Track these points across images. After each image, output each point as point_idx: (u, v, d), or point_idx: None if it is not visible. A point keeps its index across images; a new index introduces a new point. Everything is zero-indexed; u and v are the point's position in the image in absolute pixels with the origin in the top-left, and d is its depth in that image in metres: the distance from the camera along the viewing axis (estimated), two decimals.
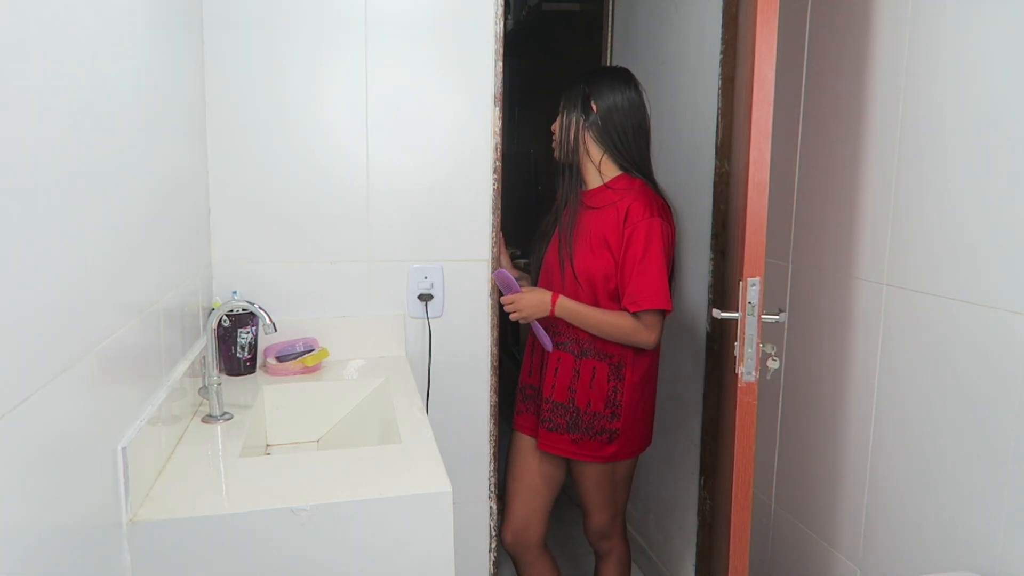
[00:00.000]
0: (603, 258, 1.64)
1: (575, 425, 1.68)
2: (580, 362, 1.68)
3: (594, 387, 1.67)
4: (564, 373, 1.70)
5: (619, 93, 1.67)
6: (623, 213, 1.61)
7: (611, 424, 1.68)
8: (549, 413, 1.71)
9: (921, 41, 1.34)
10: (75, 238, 0.77)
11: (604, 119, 1.66)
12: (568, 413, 1.69)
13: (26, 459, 0.64)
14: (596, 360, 1.67)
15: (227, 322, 1.52)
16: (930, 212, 1.32)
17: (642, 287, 1.59)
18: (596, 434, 1.68)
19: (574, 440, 1.69)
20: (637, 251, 1.59)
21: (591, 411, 1.67)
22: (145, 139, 1.07)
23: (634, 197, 1.62)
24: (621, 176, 1.69)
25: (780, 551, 1.83)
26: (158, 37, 1.16)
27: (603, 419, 1.67)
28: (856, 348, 1.52)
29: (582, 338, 1.68)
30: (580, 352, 1.69)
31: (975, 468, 1.23)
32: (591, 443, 1.68)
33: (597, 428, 1.68)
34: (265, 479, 1.06)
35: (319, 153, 1.65)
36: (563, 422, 1.69)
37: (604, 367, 1.67)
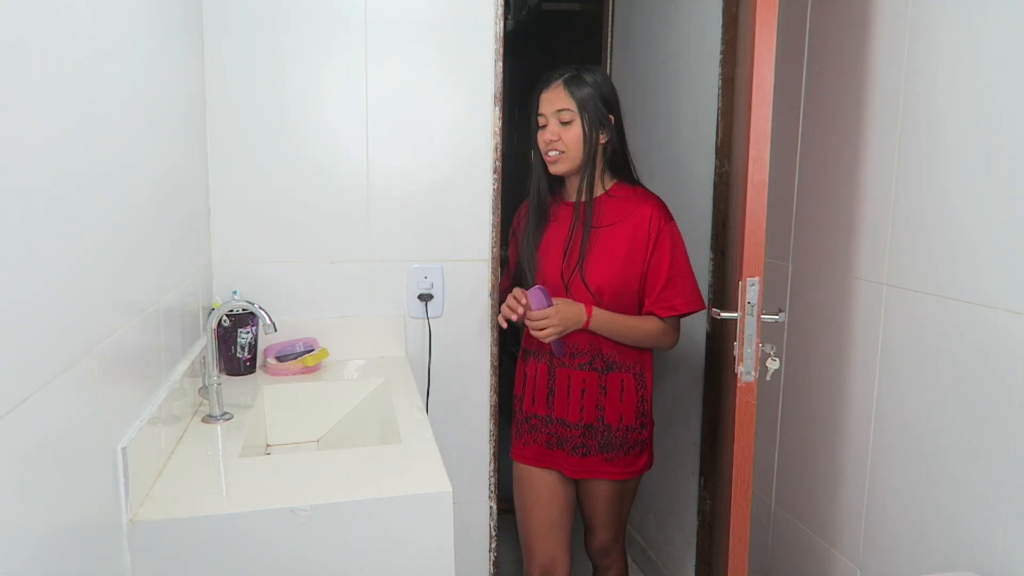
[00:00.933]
0: (631, 271, 1.59)
1: (608, 444, 1.65)
2: (606, 378, 1.64)
3: (624, 400, 1.64)
4: (591, 393, 1.64)
5: (617, 98, 1.62)
6: (645, 221, 1.58)
7: (641, 435, 1.66)
8: (580, 439, 1.66)
9: (921, 41, 1.34)
10: (75, 238, 0.77)
11: (618, 130, 1.62)
12: (599, 433, 1.65)
13: (26, 459, 0.64)
14: (623, 373, 1.64)
15: (227, 322, 1.52)
16: (930, 212, 1.32)
17: (677, 291, 1.58)
18: (630, 448, 1.65)
19: (608, 459, 1.65)
20: (665, 257, 1.57)
21: (623, 425, 1.64)
22: (145, 139, 1.07)
23: (649, 204, 1.60)
24: (618, 184, 1.65)
25: (780, 551, 1.83)
26: (158, 37, 1.16)
27: (635, 431, 1.65)
28: (856, 348, 1.52)
29: (605, 352, 1.63)
30: (605, 367, 1.64)
31: (975, 468, 1.23)
32: (626, 459, 1.66)
33: (631, 442, 1.65)
34: (265, 479, 1.06)
35: (319, 153, 1.65)
36: (595, 443, 1.65)
37: (630, 378, 1.64)
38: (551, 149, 1.59)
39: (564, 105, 1.56)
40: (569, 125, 1.57)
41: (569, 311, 1.57)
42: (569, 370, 1.65)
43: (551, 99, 1.58)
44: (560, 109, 1.57)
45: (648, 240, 1.58)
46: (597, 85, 1.58)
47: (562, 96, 1.57)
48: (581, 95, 1.56)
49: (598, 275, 1.59)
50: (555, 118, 1.58)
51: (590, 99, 1.56)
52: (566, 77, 1.57)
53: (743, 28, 1.58)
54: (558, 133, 1.58)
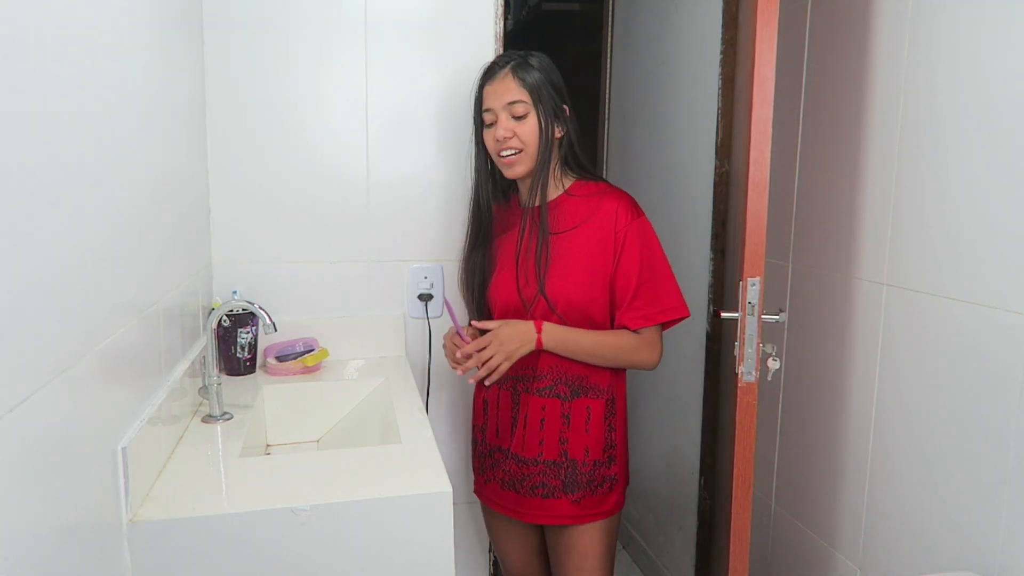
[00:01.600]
0: (597, 280, 1.37)
1: (573, 483, 1.40)
2: (570, 404, 1.40)
3: (590, 430, 1.41)
4: (552, 423, 1.40)
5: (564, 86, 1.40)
6: (611, 219, 1.36)
7: (610, 470, 1.43)
8: (540, 477, 1.42)
9: (921, 41, 1.34)
10: (75, 238, 0.77)
11: (571, 121, 1.41)
12: (562, 470, 1.41)
13: (26, 459, 0.64)
14: (589, 398, 1.40)
15: (227, 322, 1.52)
16: (930, 212, 1.32)
17: (649, 299, 1.36)
18: (596, 486, 1.42)
19: (575, 501, 1.41)
20: (633, 259, 1.35)
21: (590, 460, 1.41)
22: (145, 139, 1.07)
23: (612, 199, 1.38)
24: (578, 181, 1.43)
25: (780, 551, 1.83)
26: (158, 37, 1.16)
27: (603, 466, 1.42)
28: (856, 348, 1.52)
29: (570, 375, 1.39)
30: (570, 392, 1.40)
31: (975, 468, 1.23)
32: (593, 499, 1.42)
33: (598, 479, 1.42)
34: (265, 479, 1.06)
35: (319, 153, 1.65)
36: (558, 483, 1.41)
37: (599, 405, 1.41)
38: (505, 148, 1.37)
39: (516, 96, 1.35)
40: (524, 119, 1.36)
41: (511, 333, 1.35)
42: (530, 396, 1.42)
43: (499, 91, 1.36)
44: (512, 101, 1.35)
45: (615, 242, 1.36)
46: (546, 71, 1.37)
47: (512, 86, 1.35)
48: (533, 82, 1.35)
49: (560, 290, 1.37)
50: (506, 112, 1.36)
51: (543, 86, 1.36)
52: (513, 64, 1.36)
53: (743, 28, 1.57)
54: (512, 129, 1.36)
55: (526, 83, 1.35)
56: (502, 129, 1.36)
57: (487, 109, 1.39)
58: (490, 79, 1.38)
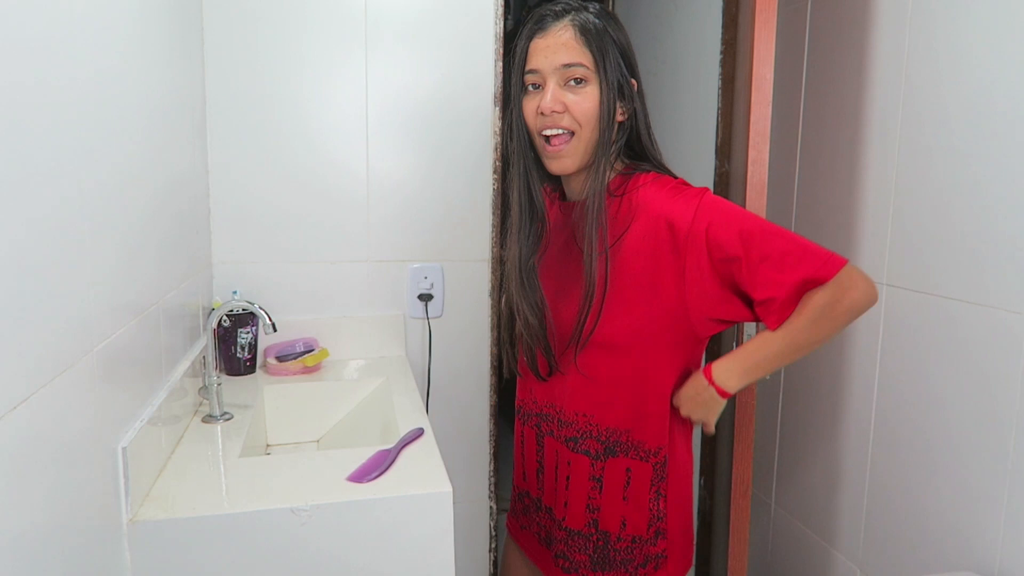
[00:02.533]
0: (654, 306, 1.04)
1: (604, 560, 1.10)
2: (603, 465, 1.08)
3: (629, 499, 1.08)
4: (579, 485, 1.10)
5: (633, 53, 1.06)
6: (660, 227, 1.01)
7: (656, 547, 1.10)
8: (563, 546, 1.13)
9: (921, 41, 1.34)
10: (75, 238, 0.77)
11: (640, 99, 1.07)
12: (591, 544, 1.10)
13: (26, 459, 0.64)
14: (630, 458, 1.07)
15: (227, 322, 1.52)
16: (930, 212, 1.32)
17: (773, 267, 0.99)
18: (638, 567, 1.10)
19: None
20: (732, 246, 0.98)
21: (627, 535, 1.09)
22: (145, 139, 1.07)
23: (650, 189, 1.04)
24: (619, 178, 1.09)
25: (780, 551, 1.83)
26: (158, 38, 1.16)
27: (647, 544, 1.09)
28: (856, 348, 1.52)
29: (603, 428, 1.07)
30: (603, 450, 1.08)
31: (975, 468, 1.23)
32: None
33: (639, 559, 1.09)
34: (265, 479, 1.06)
35: (319, 153, 1.65)
36: (584, 558, 1.11)
37: (645, 469, 1.07)
38: (551, 126, 1.02)
39: (575, 57, 0.99)
40: (582, 88, 1.00)
41: (691, 403, 1.07)
42: (556, 443, 1.14)
43: (553, 47, 1.00)
44: (569, 63, 0.99)
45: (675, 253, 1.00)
46: (615, 31, 1.02)
47: (571, 43, 0.99)
48: (601, 42, 0.99)
49: (612, 325, 1.05)
50: (558, 76, 1.01)
51: (611, 50, 1.00)
52: (574, 13, 1.01)
53: (743, 28, 1.58)
54: (563, 101, 1.00)
55: (591, 42, 0.99)
56: (550, 98, 1.00)
57: (532, 70, 1.03)
58: (541, 30, 1.02)
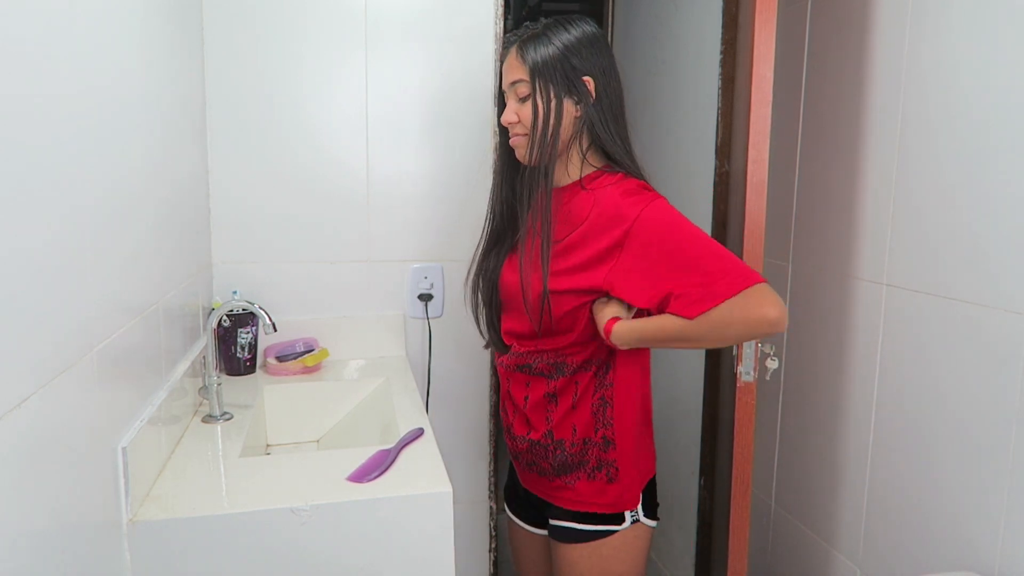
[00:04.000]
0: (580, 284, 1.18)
1: (564, 464, 1.25)
2: (555, 383, 1.24)
3: (576, 407, 1.23)
4: (535, 402, 1.27)
5: (604, 55, 1.21)
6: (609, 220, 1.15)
7: (606, 454, 1.23)
8: (530, 455, 1.29)
9: (921, 40, 1.34)
10: (75, 238, 0.77)
11: (600, 97, 1.20)
12: (550, 452, 1.26)
13: (26, 459, 0.64)
14: (577, 374, 1.23)
15: (227, 322, 1.52)
16: (930, 212, 1.32)
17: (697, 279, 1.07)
18: (593, 470, 1.23)
19: (567, 484, 1.25)
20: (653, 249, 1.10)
21: (579, 439, 1.24)
22: (145, 140, 1.07)
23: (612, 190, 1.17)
24: (596, 172, 1.22)
25: (780, 551, 1.83)
26: (158, 37, 1.17)
27: (597, 447, 1.23)
28: (856, 348, 1.52)
29: (546, 347, 1.24)
30: (554, 369, 1.24)
31: (975, 468, 1.23)
32: (591, 484, 1.23)
33: (593, 461, 1.23)
34: (265, 479, 1.06)
35: (319, 153, 1.65)
36: (547, 465, 1.27)
37: (587, 377, 1.23)
38: (513, 133, 1.24)
39: (517, 75, 1.19)
40: (526, 100, 1.20)
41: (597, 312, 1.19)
42: (512, 374, 1.30)
43: (507, 69, 1.22)
44: (515, 81, 1.20)
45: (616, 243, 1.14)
46: (568, 44, 1.18)
47: (515, 64, 1.20)
48: (536, 58, 1.17)
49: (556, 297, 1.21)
50: (512, 93, 1.22)
51: (551, 60, 1.17)
52: (524, 38, 1.20)
53: (743, 28, 1.58)
54: (516, 111, 1.21)
55: (527, 60, 1.18)
56: (507, 112, 1.23)
57: (503, 90, 1.26)
58: (505, 56, 1.24)
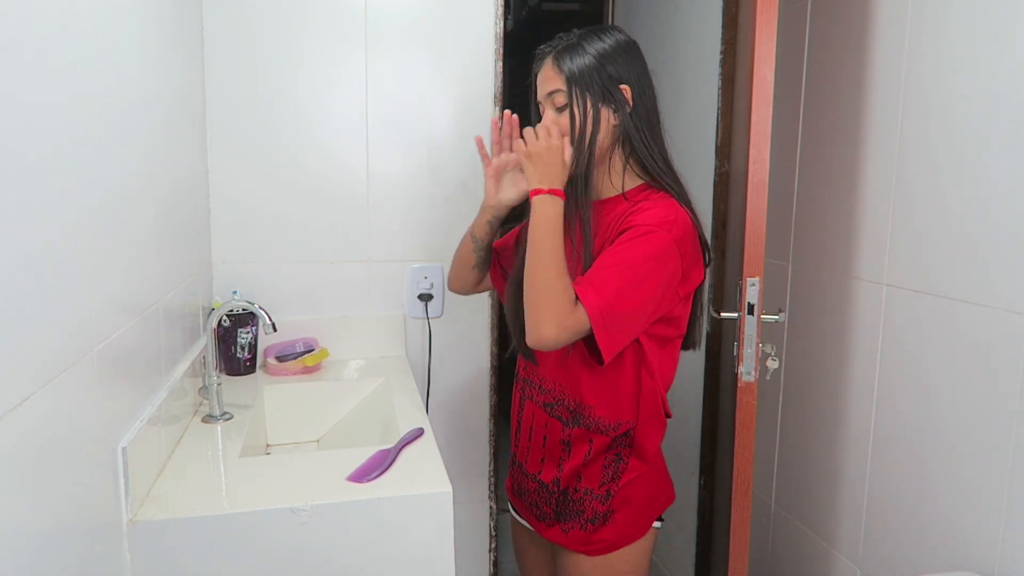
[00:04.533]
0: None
1: (564, 511, 1.24)
2: (570, 431, 1.22)
3: (589, 464, 1.22)
4: (553, 445, 1.25)
5: (638, 63, 1.21)
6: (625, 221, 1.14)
7: (603, 506, 1.22)
8: (536, 496, 1.29)
9: (921, 40, 1.34)
10: (75, 238, 0.77)
11: (636, 104, 1.19)
12: (554, 498, 1.25)
13: (26, 459, 0.64)
14: (592, 431, 1.20)
15: (227, 322, 1.52)
16: (930, 212, 1.32)
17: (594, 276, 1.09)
18: (587, 521, 1.22)
19: (564, 531, 1.25)
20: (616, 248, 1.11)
21: (582, 487, 1.22)
22: (145, 139, 1.07)
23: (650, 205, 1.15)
24: (643, 186, 1.21)
25: (780, 551, 1.83)
26: (158, 38, 1.16)
27: (597, 500, 1.22)
28: (856, 348, 1.52)
29: (573, 396, 1.20)
30: (572, 418, 1.21)
31: (975, 468, 1.23)
32: (581, 534, 1.24)
33: (588, 512, 1.22)
34: (265, 479, 1.06)
35: (319, 153, 1.65)
36: (550, 510, 1.26)
37: (604, 441, 1.20)
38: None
39: (555, 85, 1.18)
40: (564, 110, 1.18)
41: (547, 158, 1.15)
42: (534, 406, 1.28)
43: (543, 80, 1.21)
44: (552, 91, 1.18)
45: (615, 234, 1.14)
46: (603, 52, 1.18)
47: (551, 74, 1.19)
48: (572, 68, 1.16)
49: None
50: (549, 103, 1.20)
51: (587, 69, 1.16)
52: (559, 49, 1.20)
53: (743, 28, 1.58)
54: (554, 121, 1.19)
55: (563, 69, 1.17)
56: (545, 121, 1.21)
57: (538, 101, 1.24)
58: (539, 67, 1.23)
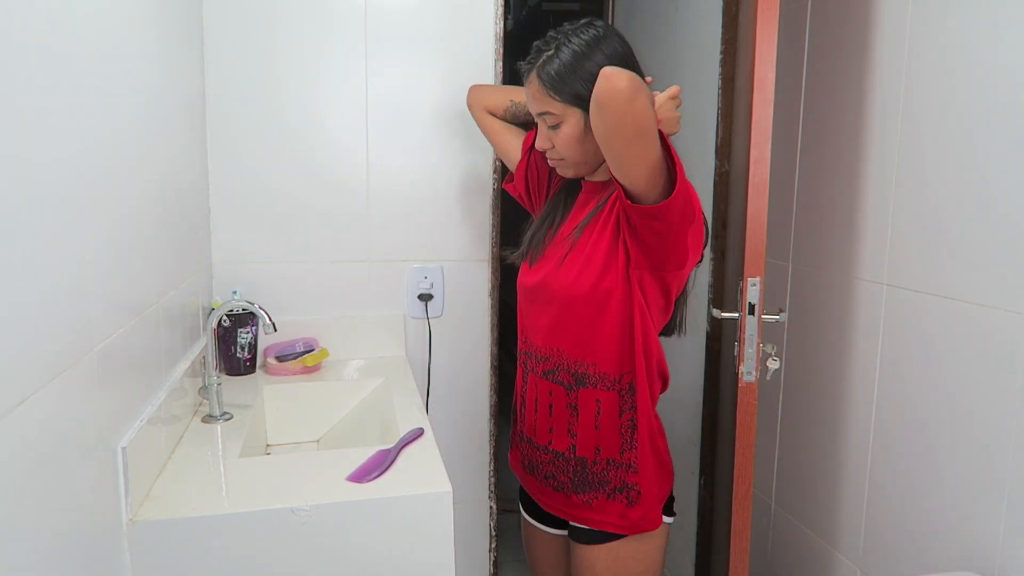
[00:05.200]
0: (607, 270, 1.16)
1: (584, 482, 1.23)
2: (576, 394, 1.21)
3: (601, 427, 1.20)
4: (560, 412, 1.24)
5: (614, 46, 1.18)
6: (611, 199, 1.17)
7: (629, 476, 1.21)
8: (551, 467, 1.27)
9: (921, 40, 1.34)
10: (75, 239, 0.77)
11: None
12: (571, 466, 1.23)
13: (26, 459, 0.64)
14: (599, 389, 1.20)
15: (227, 322, 1.52)
16: (930, 212, 1.32)
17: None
18: (614, 491, 1.21)
19: (586, 502, 1.23)
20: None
21: (602, 459, 1.21)
22: (145, 140, 1.07)
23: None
24: None
25: (780, 551, 1.83)
26: (158, 38, 1.16)
27: (620, 468, 1.21)
28: (856, 348, 1.52)
29: (569, 358, 1.21)
30: (575, 381, 1.21)
31: (975, 468, 1.23)
32: (609, 504, 1.21)
33: (615, 482, 1.21)
34: (265, 479, 1.06)
35: (319, 153, 1.65)
36: (567, 479, 1.25)
37: (612, 397, 1.20)
38: (548, 158, 1.24)
39: (543, 106, 1.17)
40: (558, 129, 1.17)
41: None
42: (536, 377, 1.27)
43: (531, 98, 1.19)
44: (541, 113, 1.18)
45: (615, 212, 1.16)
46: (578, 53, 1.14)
47: (537, 95, 1.17)
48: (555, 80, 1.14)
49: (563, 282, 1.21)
50: (541, 121, 1.20)
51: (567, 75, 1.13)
52: (538, 66, 1.16)
53: (743, 28, 1.58)
54: (548, 138, 1.20)
55: (546, 85, 1.15)
56: (539, 141, 1.22)
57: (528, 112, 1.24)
58: (524, 81, 1.21)
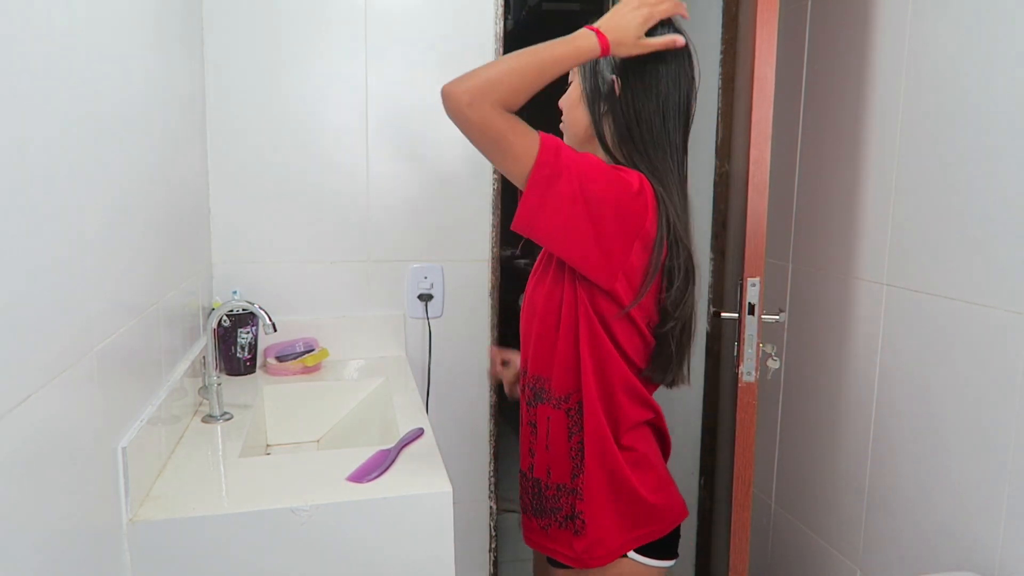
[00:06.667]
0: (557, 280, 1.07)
1: (540, 506, 1.14)
2: (534, 411, 1.13)
3: (551, 447, 1.10)
4: (524, 428, 1.17)
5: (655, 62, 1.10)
6: None
7: (577, 502, 1.08)
8: (521, 488, 1.20)
9: (921, 40, 1.34)
10: (75, 239, 0.77)
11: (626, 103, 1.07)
12: (530, 487, 1.16)
13: (26, 459, 0.64)
14: (549, 406, 1.10)
15: (227, 322, 1.52)
16: (930, 212, 1.32)
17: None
18: (565, 519, 1.10)
19: (543, 527, 1.14)
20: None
21: (553, 483, 1.11)
22: (145, 138, 1.07)
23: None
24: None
25: (780, 551, 1.83)
26: (158, 37, 1.16)
27: (568, 495, 1.10)
28: (856, 348, 1.52)
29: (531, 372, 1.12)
30: (533, 396, 1.13)
31: (975, 468, 1.23)
32: (560, 533, 1.11)
33: (565, 510, 1.10)
34: (265, 479, 1.06)
35: (319, 153, 1.65)
36: (527, 501, 1.17)
37: (559, 416, 1.09)
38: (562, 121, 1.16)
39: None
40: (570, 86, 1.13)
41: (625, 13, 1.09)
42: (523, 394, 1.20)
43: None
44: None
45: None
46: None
47: None
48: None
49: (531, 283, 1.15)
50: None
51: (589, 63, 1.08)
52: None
53: (743, 28, 1.58)
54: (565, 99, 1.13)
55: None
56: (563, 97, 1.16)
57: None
58: None
